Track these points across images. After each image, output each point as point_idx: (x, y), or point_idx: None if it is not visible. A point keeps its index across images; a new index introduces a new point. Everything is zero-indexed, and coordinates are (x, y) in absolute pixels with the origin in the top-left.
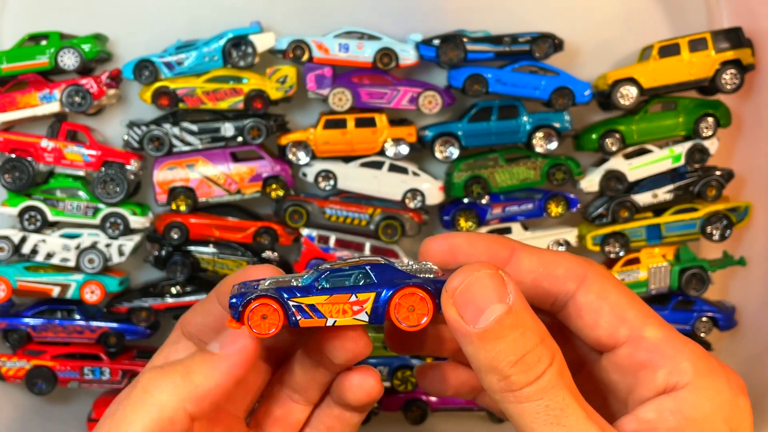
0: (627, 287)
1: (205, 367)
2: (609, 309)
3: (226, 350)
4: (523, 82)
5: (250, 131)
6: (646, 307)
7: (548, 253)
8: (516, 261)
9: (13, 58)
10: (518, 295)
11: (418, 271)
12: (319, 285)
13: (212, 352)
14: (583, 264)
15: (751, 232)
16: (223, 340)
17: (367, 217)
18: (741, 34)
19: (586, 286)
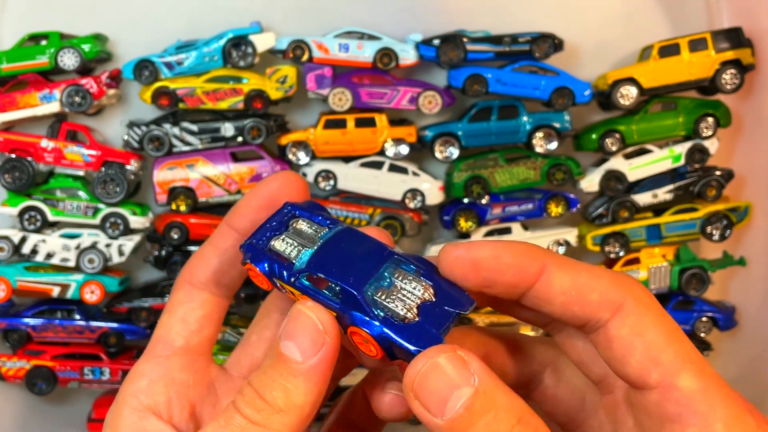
0: (670, 320)
1: (300, 383)
2: (643, 348)
3: (309, 358)
4: (523, 82)
5: (250, 131)
6: (688, 348)
7: (584, 271)
8: (546, 279)
9: (13, 58)
10: (485, 373)
11: (398, 295)
12: (298, 279)
13: (296, 361)
14: (621, 290)
15: (751, 232)
16: (302, 342)
17: (367, 217)
18: (741, 34)
19: (621, 318)
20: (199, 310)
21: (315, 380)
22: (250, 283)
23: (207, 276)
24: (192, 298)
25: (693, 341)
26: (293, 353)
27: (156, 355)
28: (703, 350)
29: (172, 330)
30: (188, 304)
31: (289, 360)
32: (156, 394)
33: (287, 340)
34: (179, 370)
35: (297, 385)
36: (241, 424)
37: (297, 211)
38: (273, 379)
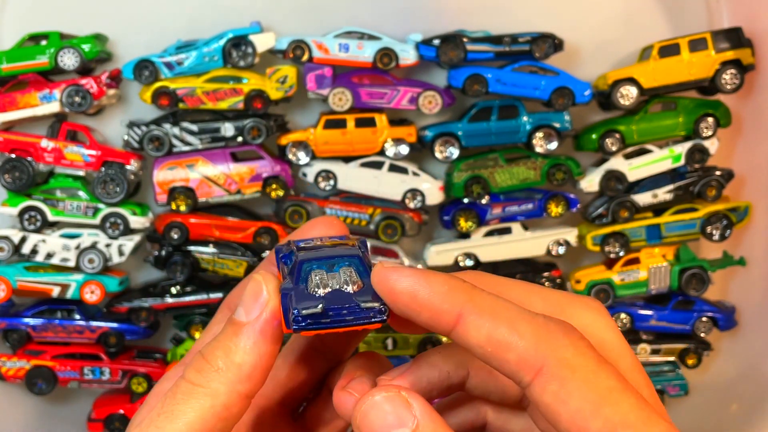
0: (606, 376)
1: (240, 340)
2: (568, 417)
3: (251, 315)
4: (523, 82)
5: (250, 131)
6: (623, 407)
7: (504, 323)
8: (462, 329)
9: (13, 58)
10: (426, 416)
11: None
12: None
13: (240, 322)
14: (542, 349)
15: (751, 232)
16: (247, 303)
17: (367, 217)
18: (741, 34)
19: (542, 384)
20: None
21: (254, 339)
22: None
23: None
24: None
25: (693, 341)
26: (239, 315)
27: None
28: (703, 350)
29: None
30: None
31: (235, 322)
32: None
33: (239, 306)
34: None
35: (236, 342)
36: (183, 388)
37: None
38: (218, 341)
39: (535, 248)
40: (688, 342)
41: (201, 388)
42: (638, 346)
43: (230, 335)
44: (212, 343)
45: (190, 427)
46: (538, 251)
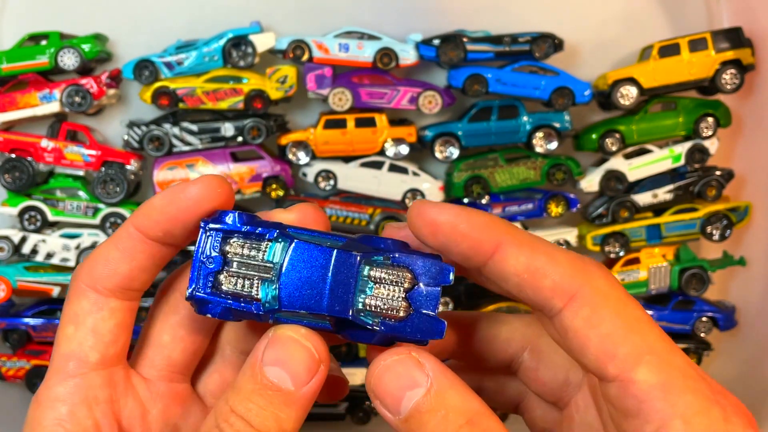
0: (633, 307)
1: (293, 412)
2: (597, 341)
3: (303, 387)
4: (523, 82)
5: (250, 131)
6: (650, 338)
7: (542, 253)
8: (500, 257)
9: (13, 58)
10: (439, 374)
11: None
12: (273, 316)
13: (290, 391)
14: (577, 278)
15: (751, 232)
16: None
17: (367, 217)
18: (741, 34)
19: (575, 308)
20: (110, 320)
21: (306, 407)
22: None
23: (115, 283)
24: (101, 307)
25: (693, 341)
26: (284, 382)
27: (70, 374)
28: (703, 350)
29: (85, 344)
30: (98, 314)
31: (279, 389)
32: (82, 419)
33: (275, 367)
34: (100, 387)
35: (289, 414)
36: None
37: (222, 228)
38: (263, 408)
39: None
40: (688, 342)
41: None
42: None
43: (278, 404)
44: (253, 409)
45: None
46: None
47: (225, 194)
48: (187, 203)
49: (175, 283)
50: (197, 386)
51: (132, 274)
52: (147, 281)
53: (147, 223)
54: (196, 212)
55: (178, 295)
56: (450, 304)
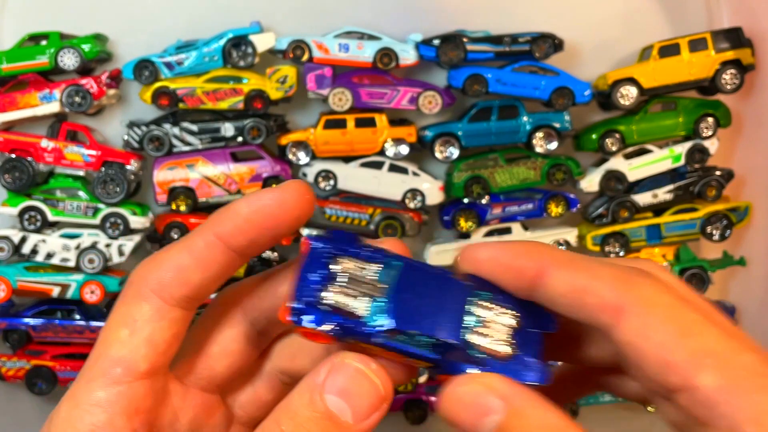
0: (686, 310)
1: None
2: (653, 352)
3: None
4: (523, 82)
5: (250, 131)
6: (708, 339)
7: (583, 271)
8: (545, 281)
9: (13, 58)
10: (515, 394)
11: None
12: (380, 337)
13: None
14: (620, 291)
15: (751, 232)
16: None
17: (367, 217)
18: (741, 34)
19: (624, 323)
20: (169, 330)
21: None
22: None
23: (185, 293)
24: (163, 316)
25: None
26: (344, 414)
27: (116, 380)
28: None
29: (138, 353)
30: (158, 323)
31: (339, 421)
32: (120, 429)
33: (337, 397)
34: (143, 397)
35: None
36: None
37: (331, 248)
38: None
39: None
40: None
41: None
42: None
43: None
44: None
45: None
46: None
47: (310, 201)
48: (274, 210)
49: (237, 296)
50: (227, 395)
51: (203, 285)
52: (213, 291)
53: (231, 231)
54: (284, 220)
55: (239, 309)
56: None
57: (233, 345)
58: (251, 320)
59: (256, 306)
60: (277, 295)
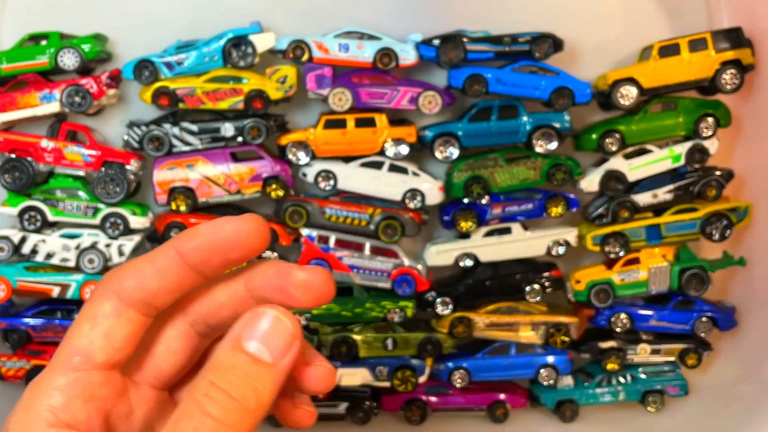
0: None
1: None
2: None
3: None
4: (523, 82)
5: (250, 131)
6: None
7: None
8: None
9: (13, 58)
10: None
11: None
12: None
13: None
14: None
15: (751, 232)
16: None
17: (367, 217)
18: (741, 34)
19: None
20: (126, 328)
21: (281, 380)
22: None
23: (141, 296)
24: (120, 314)
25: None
26: (263, 355)
27: (74, 368)
28: (703, 350)
29: (95, 344)
30: (116, 319)
31: (258, 361)
32: (76, 412)
33: (255, 341)
34: (99, 385)
35: (266, 385)
36: (212, 426)
37: None
38: (242, 380)
39: (535, 248)
40: (688, 342)
41: (232, 429)
42: (638, 346)
43: (256, 376)
44: (233, 381)
45: None
46: (538, 251)
47: (264, 235)
48: (230, 235)
49: (181, 303)
50: (175, 392)
51: (159, 293)
52: (168, 303)
53: (189, 247)
54: (238, 249)
55: (181, 314)
56: (450, 305)
57: (176, 344)
58: (191, 323)
59: (196, 310)
60: (216, 302)
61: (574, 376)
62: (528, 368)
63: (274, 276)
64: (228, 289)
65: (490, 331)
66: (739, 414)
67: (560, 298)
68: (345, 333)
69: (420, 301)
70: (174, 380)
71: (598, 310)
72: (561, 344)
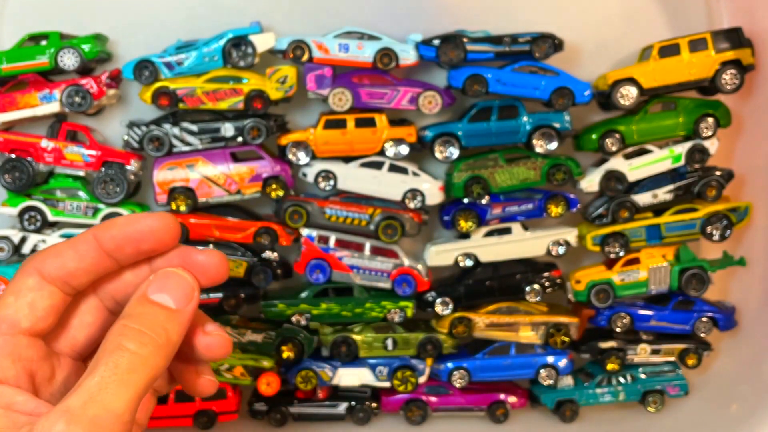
0: None
1: (176, 325)
2: None
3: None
4: (523, 82)
5: (250, 131)
6: None
7: None
8: None
9: (13, 58)
10: None
11: None
12: None
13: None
14: None
15: (751, 232)
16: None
17: (367, 217)
18: (741, 34)
19: None
20: (47, 300)
21: (186, 324)
22: (249, 283)
23: (60, 275)
24: (42, 287)
25: (693, 341)
26: (168, 302)
27: (1, 332)
28: (703, 350)
29: (20, 312)
30: (38, 292)
31: (164, 307)
32: (4, 369)
33: (161, 293)
34: (24, 347)
35: (173, 327)
36: (129, 359)
37: None
38: (152, 322)
39: (535, 248)
40: (688, 342)
41: (146, 360)
42: (638, 346)
43: (163, 319)
44: (145, 322)
45: (140, 395)
46: (538, 251)
47: (175, 232)
48: (143, 228)
49: (95, 283)
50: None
51: (76, 273)
52: (85, 283)
53: (105, 235)
54: (148, 239)
55: (93, 292)
56: (450, 305)
57: (88, 318)
58: (101, 299)
59: (107, 289)
60: (123, 281)
61: (574, 376)
62: (528, 368)
63: (175, 257)
64: (135, 270)
65: (490, 331)
66: (739, 414)
67: (560, 298)
68: (345, 333)
69: (420, 301)
70: (87, 351)
71: (598, 310)
72: (561, 344)
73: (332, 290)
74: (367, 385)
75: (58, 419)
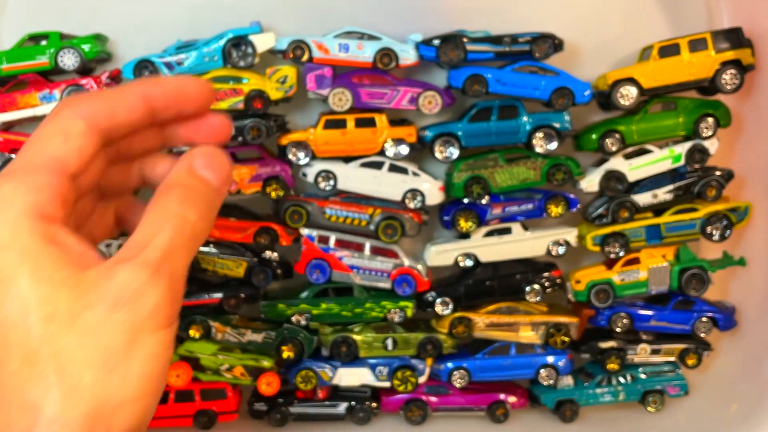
0: None
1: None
2: None
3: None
4: (523, 82)
5: (250, 131)
6: None
7: None
8: None
9: (13, 58)
10: None
11: None
12: None
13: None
14: None
15: (751, 232)
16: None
17: (367, 217)
18: (741, 34)
19: None
20: (92, 149)
21: (218, 205)
22: (249, 284)
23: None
24: (90, 135)
25: (693, 341)
26: (212, 180)
27: (53, 171)
28: (703, 350)
29: (69, 157)
30: (86, 139)
31: (208, 182)
32: (57, 209)
33: (208, 170)
34: (68, 192)
35: (213, 199)
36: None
37: None
38: (204, 197)
39: (535, 248)
40: (688, 342)
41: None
42: (638, 346)
43: (206, 191)
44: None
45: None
46: (538, 251)
47: (212, 96)
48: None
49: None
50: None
51: (121, 126)
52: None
53: (156, 91)
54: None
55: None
56: (450, 305)
57: (101, 165)
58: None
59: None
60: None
61: (574, 376)
62: (528, 368)
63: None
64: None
65: (490, 331)
66: (739, 414)
67: (560, 298)
68: (345, 333)
69: (420, 301)
70: (108, 193)
71: (598, 310)
72: (561, 344)
73: (332, 290)
74: (367, 385)
75: (141, 269)
